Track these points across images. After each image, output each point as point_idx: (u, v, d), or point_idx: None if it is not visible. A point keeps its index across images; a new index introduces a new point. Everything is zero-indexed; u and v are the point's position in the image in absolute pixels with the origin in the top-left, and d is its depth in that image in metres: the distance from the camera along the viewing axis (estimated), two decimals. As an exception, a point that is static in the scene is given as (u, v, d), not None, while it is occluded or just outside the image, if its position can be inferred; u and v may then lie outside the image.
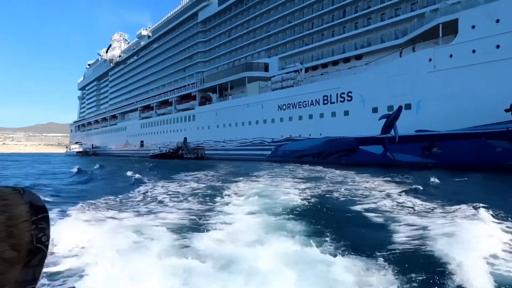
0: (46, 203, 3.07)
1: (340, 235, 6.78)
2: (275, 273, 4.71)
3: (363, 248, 5.84)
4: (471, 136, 25.84)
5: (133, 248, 5.91)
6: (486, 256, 5.18)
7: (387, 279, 4.67)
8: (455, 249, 5.38)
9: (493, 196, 11.85)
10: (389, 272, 4.87)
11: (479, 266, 4.77)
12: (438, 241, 5.99)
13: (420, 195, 11.68)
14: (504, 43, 23.74)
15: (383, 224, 7.80)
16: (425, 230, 6.97)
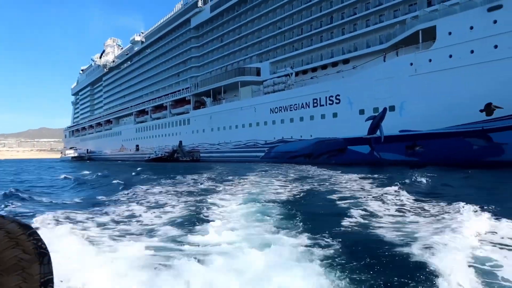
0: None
1: (317, 229, 6.93)
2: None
3: (344, 248, 5.90)
4: (450, 135, 27.69)
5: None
6: (469, 255, 5.24)
7: (364, 277, 4.71)
8: (438, 248, 5.45)
9: (475, 191, 12.79)
10: (368, 269, 4.92)
11: (462, 266, 4.83)
12: (421, 240, 6.07)
13: (404, 192, 11.94)
14: (477, 49, 25.61)
15: (363, 222, 7.85)
16: (407, 228, 7.15)
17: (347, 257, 5.41)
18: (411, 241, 6.11)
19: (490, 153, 26.21)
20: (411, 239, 6.25)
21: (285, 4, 47.00)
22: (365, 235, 6.81)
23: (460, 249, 5.47)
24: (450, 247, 5.51)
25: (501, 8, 24.54)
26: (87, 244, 6.32)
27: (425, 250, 5.50)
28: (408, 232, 6.84)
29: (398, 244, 6.01)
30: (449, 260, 4.95)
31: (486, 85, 25.32)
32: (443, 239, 5.88)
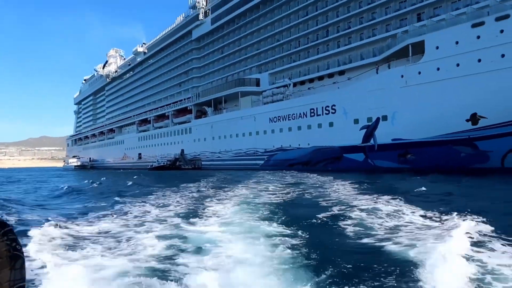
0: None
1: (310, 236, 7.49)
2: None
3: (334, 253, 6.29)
4: (439, 143, 29.25)
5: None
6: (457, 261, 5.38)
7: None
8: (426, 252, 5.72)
9: (462, 198, 13.26)
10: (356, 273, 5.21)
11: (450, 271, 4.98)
12: (408, 244, 6.38)
13: (394, 198, 12.39)
14: (463, 62, 27.26)
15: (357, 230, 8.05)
16: (396, 232, 7.50)
17: (337, 262, 5.80)
18: (400, 245, 6.51)
19: (477, 160, 27.75)
20: (399, 243, 6.68)
21: (283, 18, 48.94)
22: (351, 240, 7.30)
23: (452, 254, 5.61)
24: (443, 253, 5.64)
25: (484, 24, 26.24)
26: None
27: (413, 254, 5.84)
28: (393, 237, 7.22)
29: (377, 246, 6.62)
30: (443, 267, 5.12)
31: (471, 96, 26.93)
32: (436, 247, 6.01)
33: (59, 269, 5.55)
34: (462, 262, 5.37)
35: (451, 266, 5.21)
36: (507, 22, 25.17)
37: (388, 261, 5.74)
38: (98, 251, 6.88)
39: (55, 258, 6.24)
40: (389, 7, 36.77)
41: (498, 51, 25.53)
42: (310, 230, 8.20)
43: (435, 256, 5.56)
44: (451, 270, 5.05)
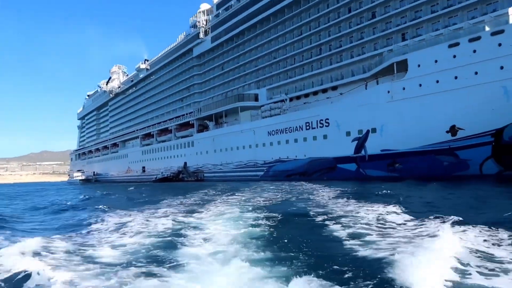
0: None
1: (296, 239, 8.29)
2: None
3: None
4: (424, 153, 31.80)
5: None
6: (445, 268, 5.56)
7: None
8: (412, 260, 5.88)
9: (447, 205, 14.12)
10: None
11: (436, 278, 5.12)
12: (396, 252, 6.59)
13: (381, 205, 13.31)
14: (442, 79, 29.97)
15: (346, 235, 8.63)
16: (384, 239, 7.90)
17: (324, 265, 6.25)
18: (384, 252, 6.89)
19: (458, 168, 30.23)
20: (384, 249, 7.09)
21: (279, 37, 51.98)
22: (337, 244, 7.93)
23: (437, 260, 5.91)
24: (427, 259, 5.91)
25: (459, 45, 29.03)
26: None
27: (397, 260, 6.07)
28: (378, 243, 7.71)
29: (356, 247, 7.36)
30: (426, 272, 5.32)
31: (450, 110, 29.57)
32: (421, 252, 6.34)
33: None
34: (443, 264, 5.66)
35: (432, 268, 5.41)
36: (479, 43, 27.93)
37: (369, 264, 6.15)
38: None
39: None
40: (376, 27, 39.68)
41: (471, 69, 28.25)
42: (294, 232, 9.39)
43: (417, 259, 5.85)
44: (432, 272, 5.24)
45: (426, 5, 35.39)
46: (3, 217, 15.61)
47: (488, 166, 29.00)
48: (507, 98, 26.71)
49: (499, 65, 26.84)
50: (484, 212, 11.93)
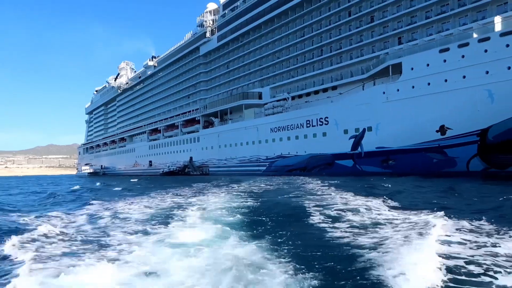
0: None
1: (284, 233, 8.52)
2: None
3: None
4: (415, 151, 33.94)
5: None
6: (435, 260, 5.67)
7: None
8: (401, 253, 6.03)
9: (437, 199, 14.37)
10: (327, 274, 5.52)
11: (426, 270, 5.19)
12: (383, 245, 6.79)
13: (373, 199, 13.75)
14: (433, 82, 32.03)
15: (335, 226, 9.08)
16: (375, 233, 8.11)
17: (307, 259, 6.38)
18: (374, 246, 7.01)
19: (447, 165, 32.37)
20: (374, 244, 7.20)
21: (282, 38, 54.11)
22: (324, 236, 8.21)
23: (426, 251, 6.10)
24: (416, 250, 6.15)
25: (449, 50, 31.06)
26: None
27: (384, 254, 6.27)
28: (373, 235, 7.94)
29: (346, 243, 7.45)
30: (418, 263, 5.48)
31: (440, 111, 31.65)
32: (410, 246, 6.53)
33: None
34: (434, 258, 5.77)
35: (424, 263, 5.50)
36: (467, 49, 29.96)
37: (359, 259, 6.21)
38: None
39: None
40: (374, 31, 41.70)
41: (460, 73, 30.29)
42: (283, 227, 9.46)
43: (408, 253, 5.99)
44: (424, 268, 5.31)
45: (421, 11, 37.36)
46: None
47: (474, 164, 31.09)
48: (491, 101, 28.75)
49: (485, 70, 28.86)
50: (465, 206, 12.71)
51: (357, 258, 6.23)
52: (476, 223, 8.81)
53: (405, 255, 5.98)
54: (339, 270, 5.80)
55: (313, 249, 7.05)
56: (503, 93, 28.07)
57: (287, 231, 8.76)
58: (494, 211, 10.78)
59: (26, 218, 11.98)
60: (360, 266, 5.79)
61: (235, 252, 6.88)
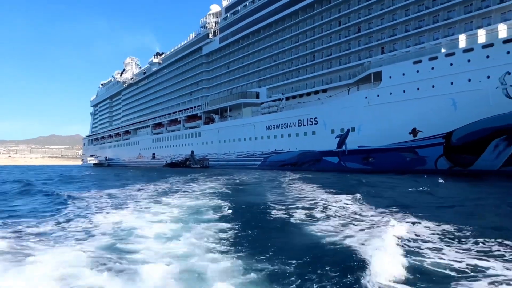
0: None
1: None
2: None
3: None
4: (391, 150, 38.27)
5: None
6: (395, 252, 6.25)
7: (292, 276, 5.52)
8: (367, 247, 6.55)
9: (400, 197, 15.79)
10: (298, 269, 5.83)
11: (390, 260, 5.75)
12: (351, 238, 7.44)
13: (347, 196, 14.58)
14: (407, 89, 36.26)
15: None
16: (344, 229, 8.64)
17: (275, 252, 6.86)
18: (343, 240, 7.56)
19: (418, 163, 36.68)
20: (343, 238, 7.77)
21: (279, 42, 58.33)
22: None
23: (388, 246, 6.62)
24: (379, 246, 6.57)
25: (421, 62, 35.27)
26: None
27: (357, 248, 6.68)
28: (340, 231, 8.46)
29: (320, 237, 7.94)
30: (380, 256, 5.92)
31: (412, 115, 35.93)
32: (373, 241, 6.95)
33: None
34: (399, 253, 6.17)
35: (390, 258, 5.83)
36: (436, 62, 34.16)
37: (332, 254, 6.54)
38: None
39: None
40: (361, 40, 45.84)
41: (430, 82, 34.50)
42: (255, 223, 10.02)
43: (375, 247, 6.36)
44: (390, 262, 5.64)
45: (401, 24, 41.50)
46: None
47: (441, 162, 35.42)
48: (454, 108, 33.05)
49: (450, 81, 33.10)
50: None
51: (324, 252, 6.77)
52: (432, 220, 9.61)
53: (368, 248, 6.48)
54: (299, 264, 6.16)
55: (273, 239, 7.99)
56: (464, 102, 32.32)
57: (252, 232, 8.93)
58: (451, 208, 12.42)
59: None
60: (329, 260, 6.15)
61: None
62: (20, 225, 9.89)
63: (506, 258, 6.42)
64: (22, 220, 10.76)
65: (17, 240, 8.01)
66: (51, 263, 6.13)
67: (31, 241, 8.01)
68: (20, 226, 9.74)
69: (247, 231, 8.84)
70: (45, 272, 5.72)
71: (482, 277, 5.54)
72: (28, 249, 7.22)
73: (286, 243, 7.78)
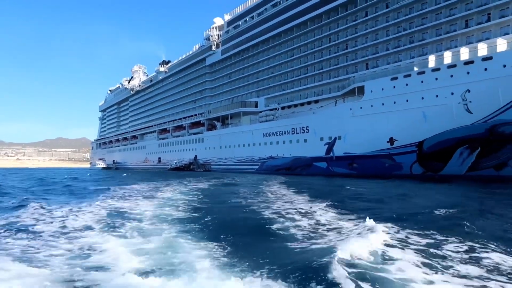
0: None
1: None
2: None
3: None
4: (372, 157, 42.70)
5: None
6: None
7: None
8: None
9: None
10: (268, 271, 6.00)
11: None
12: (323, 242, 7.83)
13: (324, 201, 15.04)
14: (386, 103, 40.73)
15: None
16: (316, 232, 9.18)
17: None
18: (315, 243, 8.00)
19: (395, 169, 41.08)
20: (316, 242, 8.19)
21: (276, 56, 63.14)
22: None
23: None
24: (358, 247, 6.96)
25: (397, 79, 39.77)
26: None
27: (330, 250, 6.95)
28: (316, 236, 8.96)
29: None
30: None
31: (390, 126, 40.34)
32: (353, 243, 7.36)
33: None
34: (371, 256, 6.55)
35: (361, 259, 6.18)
36: (410, 79, 38.61)
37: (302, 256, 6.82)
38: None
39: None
40: (348, 57, 50.42)
41: (404, 97, 38.93)
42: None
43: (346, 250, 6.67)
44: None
45: (382, 43, 46.02)
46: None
47: (415, 168, 39.79)
48: (425, 120, 37.45)
49: (421, 96, 37.50)
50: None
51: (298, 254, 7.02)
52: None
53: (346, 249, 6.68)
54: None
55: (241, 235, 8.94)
56: (433, 115, 36.72)
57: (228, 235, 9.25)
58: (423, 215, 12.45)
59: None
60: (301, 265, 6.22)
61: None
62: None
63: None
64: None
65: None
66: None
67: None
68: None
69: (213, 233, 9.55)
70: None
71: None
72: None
73: (253, 245, 8.22)
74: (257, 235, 9.19)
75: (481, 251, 7.30)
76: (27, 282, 5.61)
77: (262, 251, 7.42)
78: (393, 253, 7.07)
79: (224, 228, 10.13)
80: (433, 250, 7.47)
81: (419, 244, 7.97)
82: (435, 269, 6.27)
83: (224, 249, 7.87)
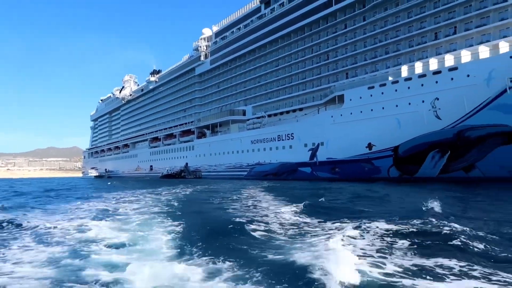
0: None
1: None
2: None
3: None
4: (352, 161, 45.14)
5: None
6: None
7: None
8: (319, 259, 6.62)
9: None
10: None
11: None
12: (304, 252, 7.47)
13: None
14: (364, 110, 43.27)
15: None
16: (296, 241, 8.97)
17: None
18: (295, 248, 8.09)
19: (374, 172, 43.56)
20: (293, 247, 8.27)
21: (262, 66, 65.75)
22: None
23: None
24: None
25: (374, 88, 42.39)
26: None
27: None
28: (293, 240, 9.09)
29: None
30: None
31: (368, 132, 42.84)
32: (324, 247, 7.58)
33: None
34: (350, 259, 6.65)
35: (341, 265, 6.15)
36: (385, 88, 41.27)
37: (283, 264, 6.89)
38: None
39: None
40: (329, 67, 53.12)
41: (380, 105, 41.53)
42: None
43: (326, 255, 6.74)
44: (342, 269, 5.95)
45: (361, 54, 48.73)
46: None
47: (393, 171, 42.31)
48: (399, 126, 40.05)
49: (395, 104, 40.14)
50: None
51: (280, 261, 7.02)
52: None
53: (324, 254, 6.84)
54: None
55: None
56: (406, 121, 39.33)
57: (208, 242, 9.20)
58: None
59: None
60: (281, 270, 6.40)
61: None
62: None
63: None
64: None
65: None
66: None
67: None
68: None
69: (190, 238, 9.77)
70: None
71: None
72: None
73: (229, 247, 8.42)
74: (230, 237, 9.51)
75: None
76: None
77: (234, 253, 7.86)
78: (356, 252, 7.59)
79: (196, 232, 10.49)
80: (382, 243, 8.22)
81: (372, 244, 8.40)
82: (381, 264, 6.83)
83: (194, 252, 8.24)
